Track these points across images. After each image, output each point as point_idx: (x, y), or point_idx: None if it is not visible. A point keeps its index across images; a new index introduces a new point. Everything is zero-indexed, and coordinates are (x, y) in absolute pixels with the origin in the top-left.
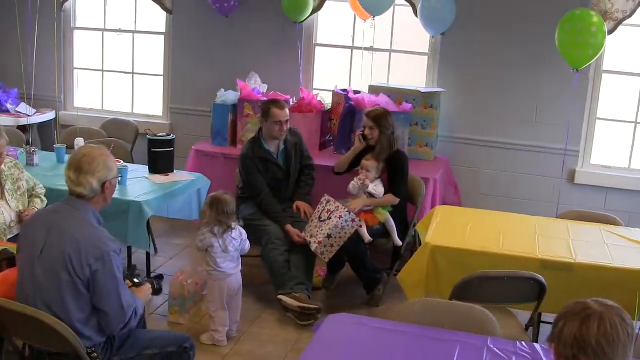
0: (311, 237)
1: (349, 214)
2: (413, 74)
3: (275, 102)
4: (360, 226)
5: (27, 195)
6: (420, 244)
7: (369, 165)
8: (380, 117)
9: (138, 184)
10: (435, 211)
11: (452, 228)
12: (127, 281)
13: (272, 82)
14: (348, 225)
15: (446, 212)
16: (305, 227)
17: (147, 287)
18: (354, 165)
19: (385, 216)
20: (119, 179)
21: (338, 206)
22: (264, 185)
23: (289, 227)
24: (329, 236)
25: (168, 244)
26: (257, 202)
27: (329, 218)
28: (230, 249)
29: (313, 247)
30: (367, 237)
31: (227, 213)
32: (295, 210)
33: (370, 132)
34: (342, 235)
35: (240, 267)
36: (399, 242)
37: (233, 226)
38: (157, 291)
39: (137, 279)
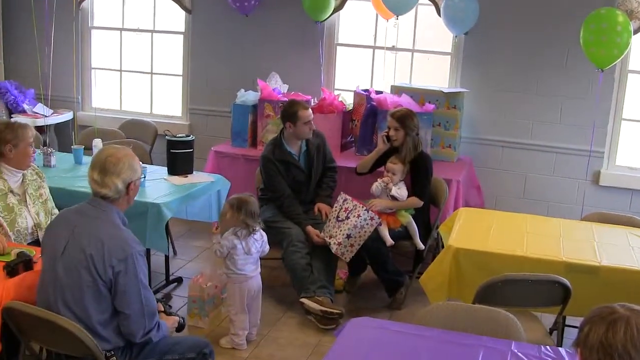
0: (330, 237)
1: (367, 212)
2: (436, 74)
3: (299, 104)
4: (380, 224)
5: (49, 204)
6: (442, 247)
7: (395, 168)
8: (405, 118)
9: (157, 185)
10: (458, 213)
11: (475, 230)
12: (159, 304)
13: (292, 82)
14: (367, 224)
15: (469, 214)
16: (324, 227)
17: (175, 319)
18: (376, 166)
19: (408, 219)
20: (142, 180)
21: (356, 205)
22: (286, 187)
23: (309, 228)
24: (348, 236)
25: (187, 246)
26: (278, 204)
27: (347, 217)
28: (253, 250)
29: (333, 248)
30: (389, 240)
31: (254, 215)
32: (317, 212)
33: (395, 134)
34: (361, 234)
35: (259, 269)
36: (422, 245)
37: (257, 228)
38: (180, 327)
39: (169, 308)
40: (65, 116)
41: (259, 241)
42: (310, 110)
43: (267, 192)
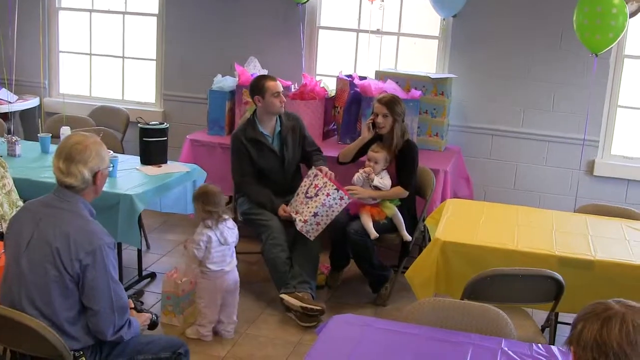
0: (296, 213)
1: (337, 191)
2: (422, 59)
3: (266, 76)
4: (347, 203)
5: (14, 195)
6: (429, 240)
7: (377, 157)
8: (393, 104)
9: (129, 175)
10: (446, 205)
11: (463, 222)
12: (130, 300)
13: (272, 67)
14: (336, 204)
15: (457, 206)
16: (291, 201)
17: (147, 316)
18: (359, 155)
19: (393, 210)
20: (110, 169)
21: (326, 182)
22: (249, 170)
23: (282, 205)
24: (315, 214)
25: (161, 239)
26: (236, 188)
27: (316, 195)
28: (229, 240)
29: (298, 225)
30: (374, 233)
31: (214, 203)
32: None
33: (383, 120)
34: (329, 214)
35: (236, 262)
36: (408, 237)
37: (225, 216)
38: (153, 325)
39: (140, 305)
40: (31, 102)
41: (233, 229)
42: (278, 82)
43: (233, 177)
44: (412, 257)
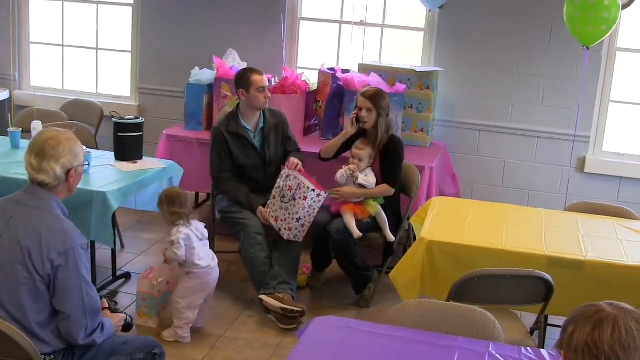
0: (276, 220)
1: (313, 191)
2: (408, 52)
3: (252, 69)
4: (325, 198)
5: None
6: (414, 239)
7: (361, 154)
8: (378, 98)
9: (102, 172)
10: (431, 203)
11: (449, 221)
12: (104, 300)
13: (251, 60)
14: (315, 202)
15: (443, 204)
16: (268, 203)
17: (121, 317)
18: (342, 151)
19: (377, 209)
20: (85, 167)
21: (299, 183)
22: (228, 166)
23: (261, 209)
24: (298, 219)
25: (136, 238)
26: (215, 184)
27: (293, 199)
28: (205, 233)
29: (285, 235)
30: (357, 233)
31: (180, 203)
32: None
33: (367, 115)
34: (310, 213)
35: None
36: (392, 238)
37: (192, 216)
38: (127, 327)
39: (115, 305)
40: (1, 95)
41: (202, 225)
42: (264, 76)
43: (211, 172)
44: (396, 257)
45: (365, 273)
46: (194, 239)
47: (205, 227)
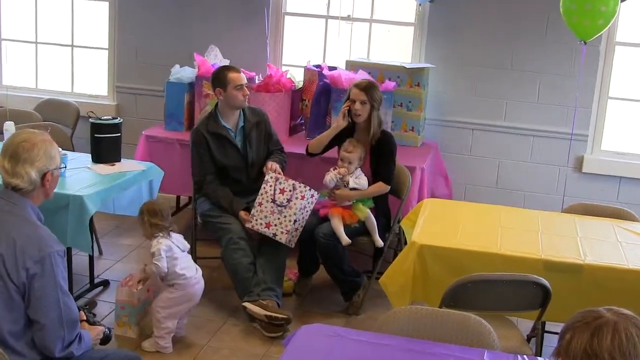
0: (268, 226)
1: (309, 190)
2: (397, 48)
3: (229, 67)
4: (316, 199)
5: None
6: (405, 243)
7: (351, 157)
8: (372, 89)
9: (79, 175)
10: (423, 205)
11: (441, 224)
12: (82, 312)
13: (234, 57)
14: (309, 203)
15: (435, 206)
16: (253, 212)
17: (100, 330)
18: (331, 146)
19: (366, 213)
20: (62, 170)
21: (293, 184)
22: (210, 169)
23: (242, 214)
24: (295, 222)
25: (114, 244)
26: (196, 187)
27: (289, 200)
28: (185, 243)
29: (282, 239)
30: (346, 239)
31: (161, 215)
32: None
33: (361, 108)
34: (304, 215)
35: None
36: (381, 243)
37: (172, 228)
38: (106, 339)
39: (93, 317)
40: None
41: (181, 236)
42: (242, 74)
43: (193, 175)
44: (386, 261)
45: (354, 279)
46: (175, 249)
47: (184, 238)
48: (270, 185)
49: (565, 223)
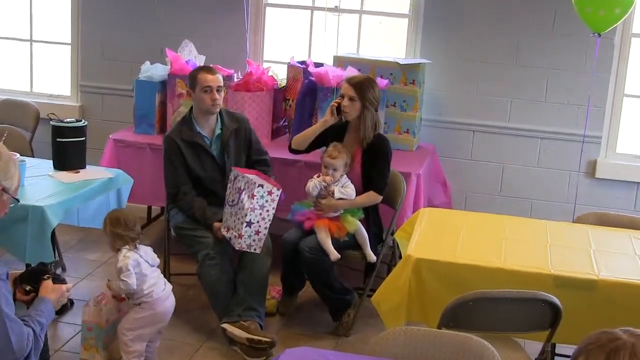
0: (228, 230)
1: (262, 187)
2: (390, 42)
3: (204, 67)
4: (278, 196)
5: None
6: (400, 257)
7: (335, 163)
8: (365, 86)
9: (39, 183)
10: (419, 215)
11: (440, 236)
12: (48, 274)
13: (210, 53)
14: (267, 202)
15: (433, 216)
16: (223, 217)
17: (65, 289)
18: (317, 144)
19: (355, 225)
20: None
21: (247, 180)
22: (184, 179)
23: (216, 224)
24: (249, 223)
25: (78, 259)
26: (170, 199)
27: (241, 200)
28: (155, 258)
29: (236, 244)
30: (334, 254)
31: (126, 225)
32: None
33: (349, 105)
34: (264, 216)
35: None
36: (373, 258)
37: (139, 240)
38: (63, 309)
39: (58, 275)
40: None
41: (150, 249)
42: (217, 76)
43: (166, 186)
44: (379, 277)
45: (344, 297)
46: (144, 265)
47: (153, 251)
48: (232, 183)
49: (576, 234)
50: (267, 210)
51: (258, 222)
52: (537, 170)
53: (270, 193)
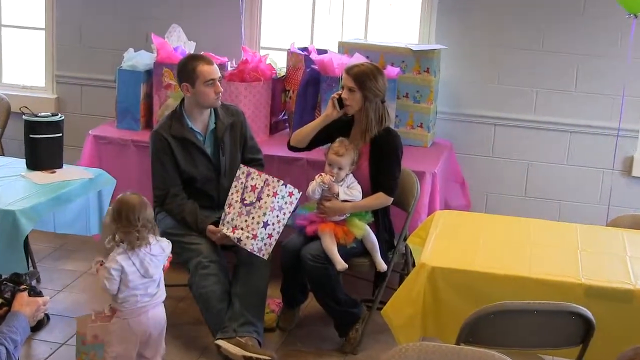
0: (234, 230)
1: (285, 186)
2: (401, 26)
3: (199, 57)
4: (297, 200)
5: None
6: (413, 265)
7: (341, 161)
8: (365, 76)
9: (11, 185)
10: (434, 218)
11: (458, 242)
12: (23, 286)
13: (201, 38)
14: (286, 204)
15: (449, 220)
16: (223, 216)
17: (43, 302)
18: (319, 142)
19: (364, 231)
20: None
21: (266, 178)
22: (175, 180)
23: (211, 228)
24: (265, 224)
25: (55, 270)
26: (158, 203)
27: (259, 199)
28: (152, 271)
29: (247, 246)
30: (341, 263)
31: (127, 219)
32: None
33: (350, 97)
34: (280, 219)
35: (164, 295)
36: (384, 267)
37: (150, 239)
38: (38, 325)
39: (35, 287)
40: None
41: (160, 257)
42: (215, 66)
43: (154, 188)
44: (390, 288)
45: (351, 310)
46: (132, 275)
47: (159, 258)
48: (242, 182)
49: (610, 239)
50: (284, 213)
51: (273, 224)
52: (567, 168)
53: (290, 194)
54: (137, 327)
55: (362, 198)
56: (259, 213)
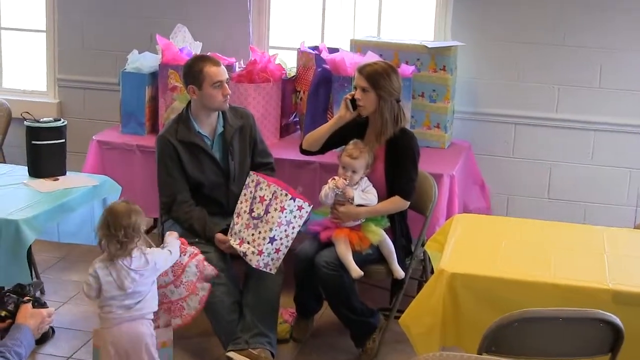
0: (241, 243)
1: (294, 201)
2: (415, 22)
3: (206, 58)
4: (308, 213)
5: None
6: (432, 272)
7: (355, 164)
8: (378, 75)
9: (13, 193)
10: (453, 222)
11: (478, 247)
12: (27, 297)
13: (208, 38)
14: (295, 218)
15: (469, 224)
16: (232, 225)
17: (47, 313)
18: (333, 144)
19: (380, 236)
20: None
21: (274, 190)
22: (182, 187)
23: (219, 236)
24: (272, 240)
25: (59, 281)
26: (164, 210)
27: (267, 212)
28: (127, 285)
29: (253, 261)
30: (357, 271)
31: (112, 228)
32: None
33: (363, 97)
34: (288, 233)
35: (146, 310)
36: (401, 274)
37: (135, 251)
38: (43, 337)
39: (32, 291)
40: None
41: (143, 270)
42: (222, 67)
43: (160, 195)
44: (408, 296)
45: (367, 319)
46: (106, 285)
47: (137, 274)
48: (251, 191)
49: (639, 242)
50: (293, 227)
51: (281, 239)
52: (591, 168)
53: (300, 208)
54: (111, 338)
55: (378, 202)
56: (266, 228)
